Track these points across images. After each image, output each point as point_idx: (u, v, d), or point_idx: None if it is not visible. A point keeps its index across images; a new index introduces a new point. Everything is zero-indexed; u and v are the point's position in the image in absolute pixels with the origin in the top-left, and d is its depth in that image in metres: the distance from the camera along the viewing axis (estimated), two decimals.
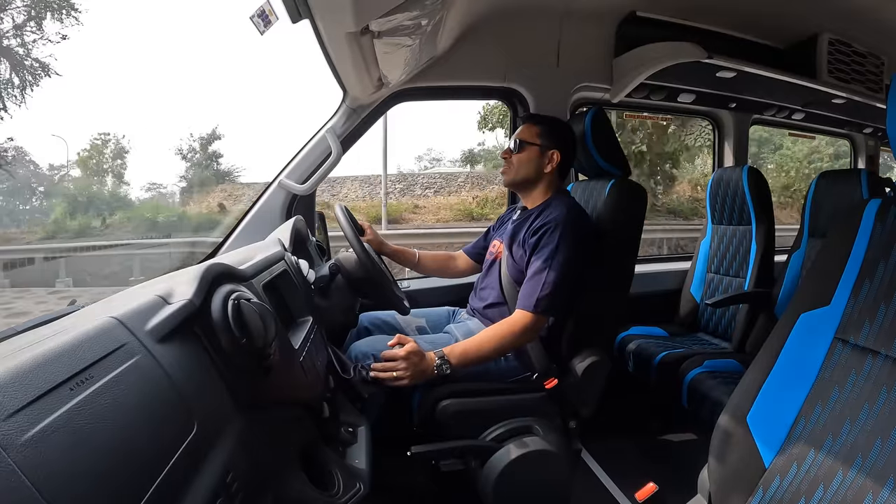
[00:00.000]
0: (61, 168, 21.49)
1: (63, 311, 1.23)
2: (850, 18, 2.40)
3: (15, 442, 0.46)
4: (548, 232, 1.69)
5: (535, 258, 1.69)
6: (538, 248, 1.70)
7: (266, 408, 0.91)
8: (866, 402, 0.85)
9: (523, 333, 1.65)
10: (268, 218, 2.14)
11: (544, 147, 1.84)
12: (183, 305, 0.76)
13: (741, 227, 2.64)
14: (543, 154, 1.85)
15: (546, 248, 1.67)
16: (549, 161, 1.84)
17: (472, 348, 1.63)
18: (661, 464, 2.28)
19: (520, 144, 1.87)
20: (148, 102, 36.85)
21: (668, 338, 2.65)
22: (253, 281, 1.08)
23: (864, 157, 4.08)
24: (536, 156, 1.85)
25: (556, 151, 1.84)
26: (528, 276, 1.69)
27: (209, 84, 39.95)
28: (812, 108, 3.17)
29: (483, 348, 1.64)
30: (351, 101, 2.19)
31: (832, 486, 0.84)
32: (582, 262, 1.70)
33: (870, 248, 0.93)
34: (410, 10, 1.41)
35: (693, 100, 2.92)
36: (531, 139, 1.86)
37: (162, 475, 0.59)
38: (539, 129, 1.87)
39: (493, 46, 2.42)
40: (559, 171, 1.87)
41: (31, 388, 0.50)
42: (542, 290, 1.63)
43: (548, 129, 1.87)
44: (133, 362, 0.63)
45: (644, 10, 2.42)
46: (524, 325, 1.64)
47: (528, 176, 1.87)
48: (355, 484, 1.17)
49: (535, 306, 1.63)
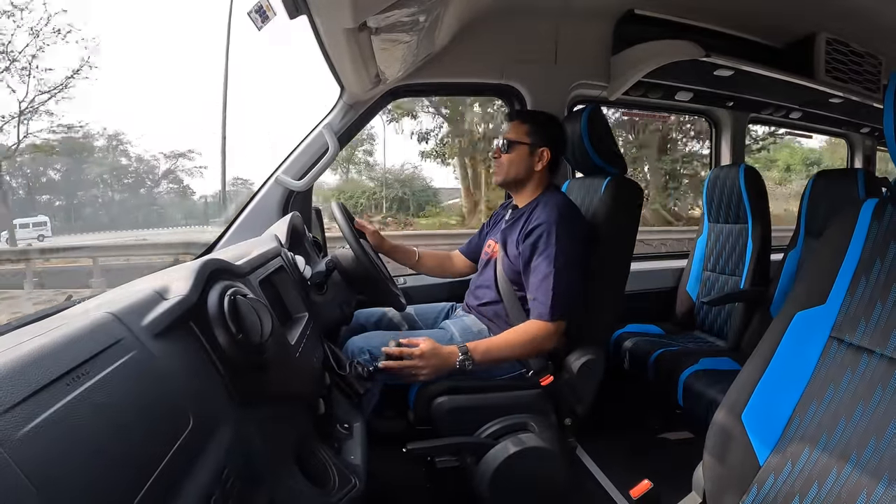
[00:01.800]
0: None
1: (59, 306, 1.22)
2: (848, 18, 2.40)
3: (11, 437, 0.46)
4: (542, 235, 1.69)
5: (537, 263, 1.69)
6: (536, 252, 1.70)
7: (262, 404, 0.91)
8: (861, 401, 0.85)
9: (544, 341, 1.66)
10: (264, 214, 2.13)
11: (534, 145, 1.84)
12: (179, 301, 0.76)
13: (737, 226, 2.65)
14: (533, 153, 1.84)
15: (546, 252, 1.67)
16: (540, 159, 1.84)
17: (496, 347, 1.65)
18: (656, 461, 2.28)
19: (509, 144, 1.86)
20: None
21: (664, 336, 2.65)
22: (249, 277, 1.08)
23: (861, 157, 4.09)
24: (526, 155, 1.84)
25: (545, 149, 1.83)
26: (535, 284, 1.69)
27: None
28: (809, 107, 3.17)
29: (505, 349, 1.65)
30: (348, 98, 2.18)
31: (826, 484, 0.85)
32: (583, 258, 1.71)
33: (866, 247, 0.93)
34: (408, 7, 1.41)
35: (690, 98, 2.92)
36: (520, 138, 1.85)
37: (158, 471, 0.59)
38: (527, 127, 1.86)
39: (490, 43, 2.41)
40: (549, 167, 1.87)
41: (28, 383, 0.50)
42: (554, 297, 1.64)
43: (536, 127, 1.86)
44: (129, 358, 0.63)
45: (642, 7, 2.41)
46: (546, 334, 1.65)
47: (519, 175, 1.86)
48: (350, 480, 1.17)
49: (551, 315, 1.63)
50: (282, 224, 1.72)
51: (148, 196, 21.22)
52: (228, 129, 19.41)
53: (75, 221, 18.68)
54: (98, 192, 20.23)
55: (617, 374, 2.40)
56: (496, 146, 1.91)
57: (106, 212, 20.04)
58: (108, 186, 20.22)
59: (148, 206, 21.02)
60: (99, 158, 19.88)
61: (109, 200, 20.46)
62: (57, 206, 19.15)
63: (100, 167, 19.86)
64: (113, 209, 20.35)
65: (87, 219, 19.23)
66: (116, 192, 20.59)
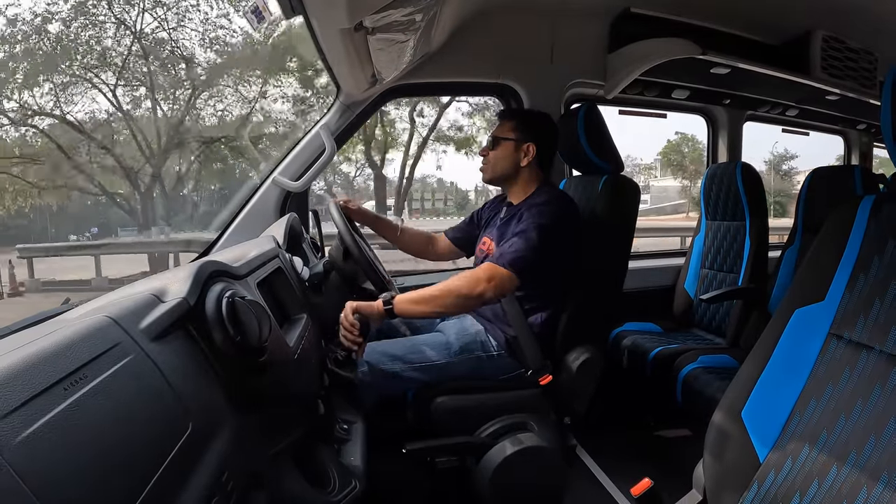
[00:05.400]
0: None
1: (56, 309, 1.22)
2: (843, 15, 2.40)
3: (9, 443, 0.46)
4: (529, 211, 1.70)
5: (515, 229, 1.69)
6: (521, 223, 1.69)
7: (261, 406, 0.91)
8: (860, 398, 0.85)
9: (487, 283, 1.57)
10: (262, 215, 2.13)
11: (519, 141, 1.84)
12: (177, 304, 0.76)
13: (735, 223, 2.65)
14: (518, 148, 1.84)
15: (526, 222, 1.67)
16: (526, 154, 1.83)
17: (426, 290, 1.59)
18: (656, 459, 2.29)
19: (494, 141, 1.87)
20: None
21: (663, 333, 2.66)
22: (247, 279, 1.08)
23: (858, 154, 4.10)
24: (511, 150, 1.84)
25: (530, 144, 1.83)
26: (506, 242, 1.67)
27: None
28: (806, 104, 3.18)
29: (437, 290, 1.58)
30: (345, 98, 2.18)
31: (826, 482, 0.84)
32: (560, 237, 1.69)
33: (864, 243, 0.93)
34: (404, 7, 1.41)
35: (687, 96, 2.92)
36: (505, 135, 1.86)
37: (157, 475, 0.59)
38: (513, 123, 1.87)
39: (487, 43, 2.41)
40: (539, 162, 1.87)
41: (25, 388, 0.50)
42: (511, 248, 1.62)
43: (521, 123, 1.87)
44: (127, 361, 0.63)
45: (638, 6, 2.42)
46: (491, 274, 1.58)
47: (505, 172, 1.87)
48: (350, 481, 1.17)
49: (508, 262, 1.59)
50: (279, 225, 1.72)
51: None
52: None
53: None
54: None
55: (616, 372, 2.40)
56: (485, 145, 1.92)
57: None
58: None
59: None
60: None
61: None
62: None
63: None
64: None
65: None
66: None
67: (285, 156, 2.19)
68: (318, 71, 11.41)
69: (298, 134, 2.96)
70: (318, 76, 12.01)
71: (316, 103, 12.35)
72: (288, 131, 12.82)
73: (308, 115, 13.10)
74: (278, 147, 13.12)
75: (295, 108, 12.93)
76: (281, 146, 11.63)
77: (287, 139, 12.80)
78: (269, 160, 6.29)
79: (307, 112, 12.69)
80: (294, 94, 12.82)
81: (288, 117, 13.08)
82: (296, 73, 12.31)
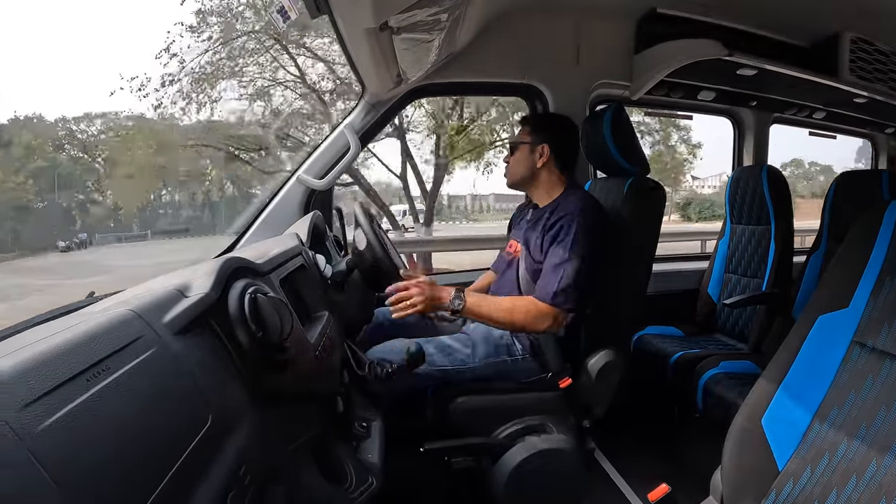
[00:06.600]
0: None
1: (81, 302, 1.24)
2: (873, 17, 2.36)
3: (31, 431, 0.47)
4: (563, 226, 1.69)
5: (554, 250, 1.69)
6: (556, 241, 1.69)
7: (280, 402, 0.92)
8: (882, 407, 0.84)
9: (537, 319, 1.64)
10: (286, 213, 2.15)
11: (533, 143, 1.86)
12: (200, 299, 0.77)
13: (760, 227, 2.61)
14: (533, 150, 1.86)
15: (564, 242, 1.67)
16: (541, 155, 1.85)
17: (489, 302, 1.67)
18: (674, 464, 2.27)
19: (512, 147, 1.92)
20: None
21: (684, 338, 2.63)
22: (270, 275, 1.09)
23: (886, 158, 4.02)
24: (527, 153, 1.87)
25: (544, 145, 1.84)
26: (548, 268, 1.68)
27: None
28: (833, 107, 3.12)
29: (496, 310, 1.66)
30: (370, 97, 2.19)
31: (846, 491, 0.83)
32: (600, 256, 1.69)
33: (890, 249, 0.92)
34: (430, 6, 1.41)
35: (713, 97, 2.88)
36: (521, 139, 1.89)
37: (175, 467, 0.60)
38: (528, 127, 1.91)
39: (512, 43, 2.41)
40: (558, 163, 1.87)
41: (49, 378, 0.51)
42: (560, 283, 1.63)
43: (535, 126, 1.90)
44: (149, 354, 0.64)
45: (664, 6, 2.39)
46: (540, 313, 1.64)
47: (524, 174, 1.88)
48: (367, 478, 1.18)
49: (553, 298, 1.62)
50: (303, 223, 1.73)
51: None
52: None
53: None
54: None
55: (636, 376, 2.38)
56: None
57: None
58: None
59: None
60: None
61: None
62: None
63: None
64: None
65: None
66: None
67: (310, 154, 2.20)
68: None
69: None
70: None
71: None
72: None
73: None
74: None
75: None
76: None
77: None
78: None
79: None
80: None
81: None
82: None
